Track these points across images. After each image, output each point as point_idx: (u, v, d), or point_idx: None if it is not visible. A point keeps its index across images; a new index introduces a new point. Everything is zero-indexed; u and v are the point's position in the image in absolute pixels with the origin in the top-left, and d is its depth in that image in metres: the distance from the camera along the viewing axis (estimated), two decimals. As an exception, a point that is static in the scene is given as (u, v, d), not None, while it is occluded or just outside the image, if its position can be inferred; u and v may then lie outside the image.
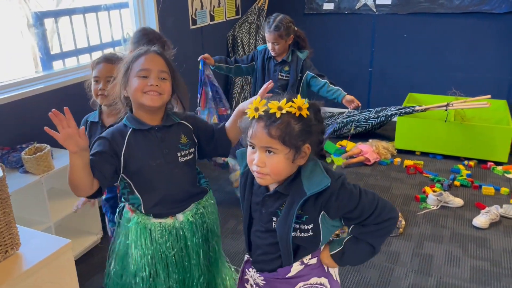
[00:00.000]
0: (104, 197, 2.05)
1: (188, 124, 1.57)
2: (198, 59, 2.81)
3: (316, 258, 1.29)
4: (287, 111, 1.13)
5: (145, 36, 2.22)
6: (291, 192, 1.21)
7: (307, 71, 2.83)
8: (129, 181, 1.50)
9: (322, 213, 1.20)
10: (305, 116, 1.15)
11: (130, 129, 1.47)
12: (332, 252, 1.28)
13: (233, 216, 3.01)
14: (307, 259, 1.28)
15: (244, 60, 2.97)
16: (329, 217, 1.21)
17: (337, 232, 2.49)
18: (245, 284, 1.41)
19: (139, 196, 1.50)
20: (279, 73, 2.84)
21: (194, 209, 1.58)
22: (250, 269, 1.37)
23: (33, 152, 2.35)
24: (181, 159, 1.52)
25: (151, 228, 1.51)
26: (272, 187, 1.26)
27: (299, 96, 1.16)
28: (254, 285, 1.37)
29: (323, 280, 1.30)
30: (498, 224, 2.85)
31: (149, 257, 1.52)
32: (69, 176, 1.32)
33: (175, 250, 1.54)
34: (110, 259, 1.66)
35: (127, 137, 1.46)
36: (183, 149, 1.53)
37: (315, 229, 1.22)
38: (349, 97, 2.73)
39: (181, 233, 1.54)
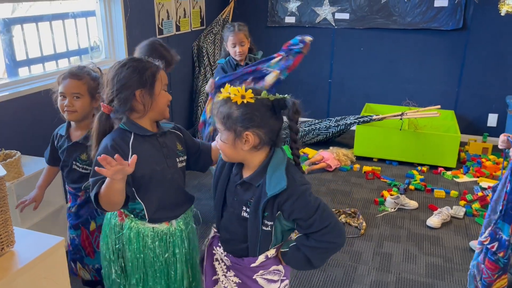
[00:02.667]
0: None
1: (179, 133, 1.61)
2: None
3: (275, 250, 1.42)
4: (230, 98, 1.28)
5: (154, 52, 2.31)
6: (258, 190, 1.32)
7: None
8: (131, 188, 1.45)
9: (278, 212, 1.33)
10: (246, 103, 1.26)
11: (132, 136, 1.47)
12: (281, 250, 1.42)
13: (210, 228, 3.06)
14: (271, 254, 1.40)
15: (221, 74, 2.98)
16: (283, 217, 1.34)
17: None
18: (213, 260, 1.50)
19: (141, 202, 1.50)
20: None
21: (183, 216, 1.62)
22: (218, 247, 1.46)
23: (2, 158, 2.33)
24: (179, 165, 1.56)
25: (143, 233, 1.52)
26: (243, 176, 1.37)
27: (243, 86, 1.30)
28: (220, 261, 1.47)
29: (280, 267, 1.46)
30: (449, 224, 3.08)
31: (140, 260, 1.54)
32: (107, 198, 1.34)
33: (166, 255, 1.56)
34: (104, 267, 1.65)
35: (130, 143, 1.45)
36: (180, 155, 1.57)
37: (272, 226, 1.35)
38: None
39: (172, 239, 1.57)
